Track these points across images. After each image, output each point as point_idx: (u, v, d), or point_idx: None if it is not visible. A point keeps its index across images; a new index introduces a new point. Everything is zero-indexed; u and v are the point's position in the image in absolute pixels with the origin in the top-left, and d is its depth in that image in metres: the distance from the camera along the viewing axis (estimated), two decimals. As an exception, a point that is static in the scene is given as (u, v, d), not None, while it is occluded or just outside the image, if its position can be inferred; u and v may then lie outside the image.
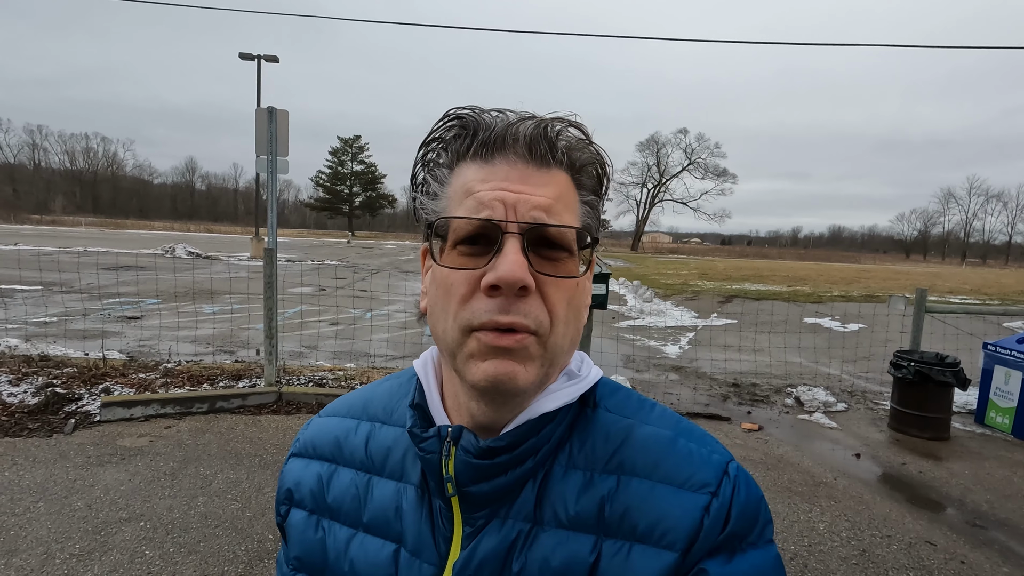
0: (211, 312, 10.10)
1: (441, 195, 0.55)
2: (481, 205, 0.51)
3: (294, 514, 0.65)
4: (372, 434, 0.65)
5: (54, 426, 4.19)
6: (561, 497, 0.56)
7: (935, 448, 4.89)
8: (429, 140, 0.57)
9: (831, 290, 16.69)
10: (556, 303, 0.52)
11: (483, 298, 0.51)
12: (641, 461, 0.57)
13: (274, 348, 5.25)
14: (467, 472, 0.55)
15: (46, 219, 61.64)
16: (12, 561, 2.65)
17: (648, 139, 78.52)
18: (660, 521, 0.54)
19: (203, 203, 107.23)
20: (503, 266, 0.49)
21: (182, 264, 18.58)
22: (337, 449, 0.65)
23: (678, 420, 0.62)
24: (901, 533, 3.39)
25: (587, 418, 0.60)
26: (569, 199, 0.55)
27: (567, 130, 0.55)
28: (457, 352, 0.53)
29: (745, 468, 2.87)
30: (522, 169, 0.53)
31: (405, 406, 0.63)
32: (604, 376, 0.64)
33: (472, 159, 0.54)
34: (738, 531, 0.55)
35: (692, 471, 0.56)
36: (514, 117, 0.54)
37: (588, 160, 0.56)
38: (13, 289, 11.20)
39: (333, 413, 0.70)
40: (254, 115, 5.62)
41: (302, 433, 0.70)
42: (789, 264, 42.91)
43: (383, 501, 0.60)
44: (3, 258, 13.53)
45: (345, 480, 0.63)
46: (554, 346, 0.53)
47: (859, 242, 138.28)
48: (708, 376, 7.19)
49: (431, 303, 0.56)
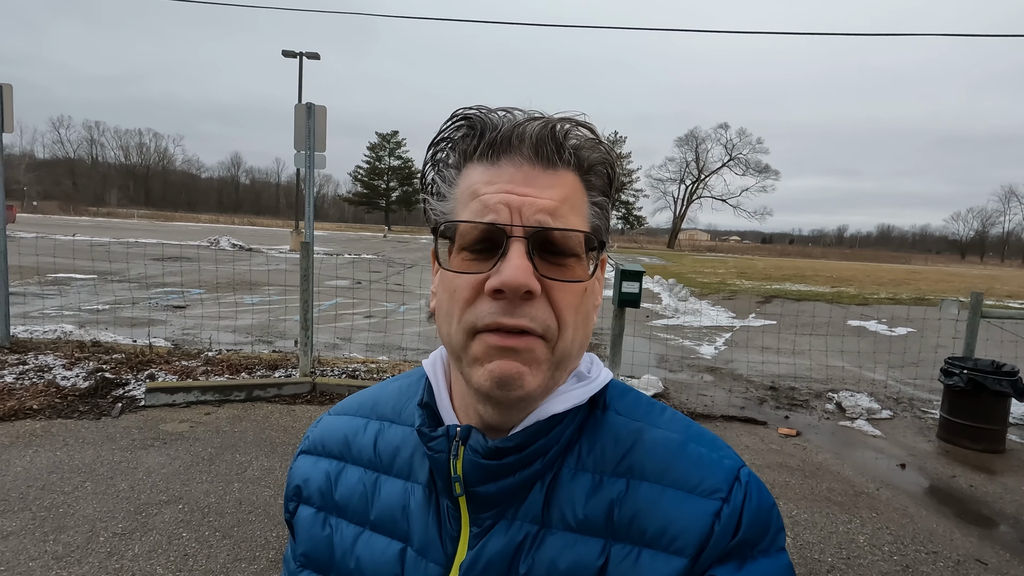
0: (251, 303, 10.42)
1: (448, 196, 0.55)
2: (486, 208, 0.51)
3: (302, 511, 0.65)
4: (381, 433, 0.65)
5: (102, 409, 4.39)
6: (570, 500, 0.55)
7: (988, 461, 4.63)
8: (438, 140, 0.56)
9: (878, 292, 16.01)
10: (564, 308, 0.52)
11: (488, 300, 0.50)
12: (651, 465, 0.56)
13: (309, 339, 5.37)
14: (475, 472, 0.54)
15: (102, 211, 64.78)
16: (60, 537, 2.78)
17: (687, 134, 76.97)
18: (670, 526, 0.53)
19: (247, 197, 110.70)
20: (507, 271, 0.49)
21: (226, 256, 19.24)
22: (346, 447, 0.65)
23: (688, 424, 0.61)
24: (949, 550, 3.22)
25: (596, 420, 0.59)
26: (576, 200, 0.54)
27: (576, 129, 0.53)
28: (463, 355, 0.52)
29: (782, 475, 2.76)
30: (528, 171, 0.52)
31: (414, 405, 0.62)
32: (614, 378, 0.63)
33: (479, 160, 0.53)
34: (749, 538, 0.54)
35: (703, 476, 0.55)
36: (521, 117, 0.53)
37: (597, 160, 0.55)
38: (71, 278, 11.80)
39: (343, 411, 0.70)
40: (293, 111, 5.74)
41: (311, 430, 0.70)
42: (833, 264, 41.43)
43: (391, 500, 0.60)
44: (62, 248, 14.27)
45: (353, 478, 0.63)
46: (562, 351, 0.53)
47: (910, 242, 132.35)
48: (744, 378, 7.00)
49: (439, 305, 0.56)
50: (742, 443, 4.72)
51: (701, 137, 75.63)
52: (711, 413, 5.41)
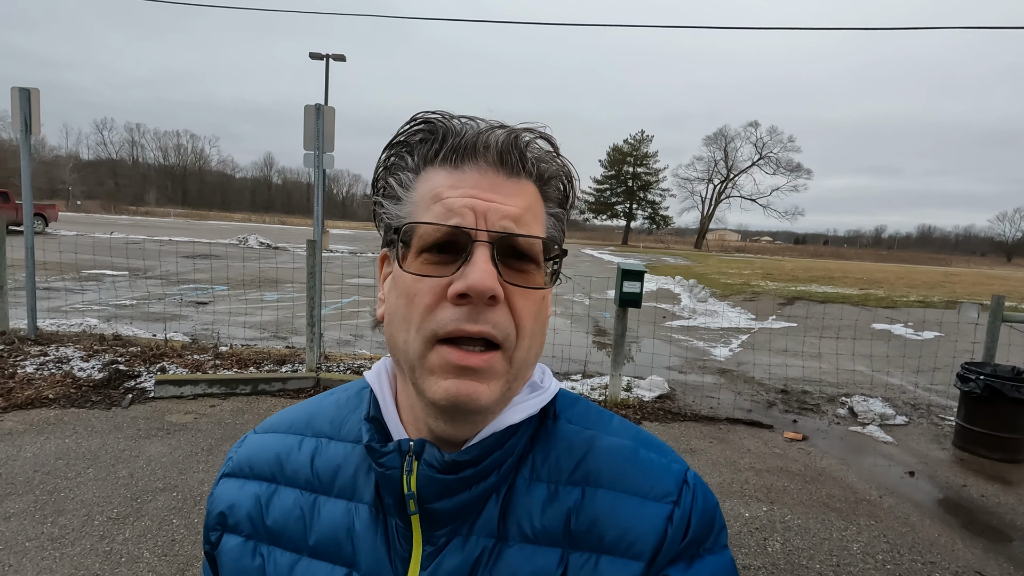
0: (272, 300, 10.67)
1: (405, 199, 0.54)
2: (450, 212, 0.50)
3: (227, 540, 0.61)
4: (318, 450, 0.61)
5: (114, 400, 4.57)
6: (526, 511, 0.55)
7: (1005, 471, 4.44)
8: (394, 143, 0.56)
9: (909, 294, 15.45)
10: (524, 315, 0.51)
11: (449, 307, 0.49)
12: (606, 472, 0.57)
13: (315, 335, 5.48)
14: (431, 488, 0.53)
15: (141, 210, 67.16)
16: (58, 520, 2.91)
17: (716, 133, 75.62)
18: (627, 531, 0.54)
19: (279, 196, 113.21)
20: (473, 274, 0.48)
21: (253, 253, 19.73)
22: (278, 467, 0.62)
23: (637, 430, 0.62)
24: (948, 561, 3.10)
25: (548, 430, 0.59)
26: (537, 210, 0.54)
27: (536, 141, 0.54)
28: (418, 365, 0.51)
29: (781, 479, 2.74)
30: (492, 177, 0.52)
31: (356, 420, 0.61)
32: (562, 388, 0.64)
33: (441, 164, 0.53)
34: (697, 538, 0.56)
35: (654, 481, 0.57)
36: (484, 125, 0.53)
37: (555, 173, 0.56)
38: (103, 274, 12.27)
39: (272, 428, 0.66)
40: (303, 112, 5.85)
41: (235, 451, 0.66)
42: (866, 265, 40.11)
43: (332, 522, 0.57)
44: (99, 246, 14.87)
45: (288, 501, 0.59)
46: (520, 360, 0.52)
47: (952, 243, 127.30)
48: (756, 381, 6.85)
49: (390, 311, 0.54)
50: (744, 446, 4.63)
51: (730, 136, 74.25)
52: (716, 415, 5.32)
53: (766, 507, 3.58)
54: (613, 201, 78.03)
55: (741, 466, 4.20)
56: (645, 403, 5.49)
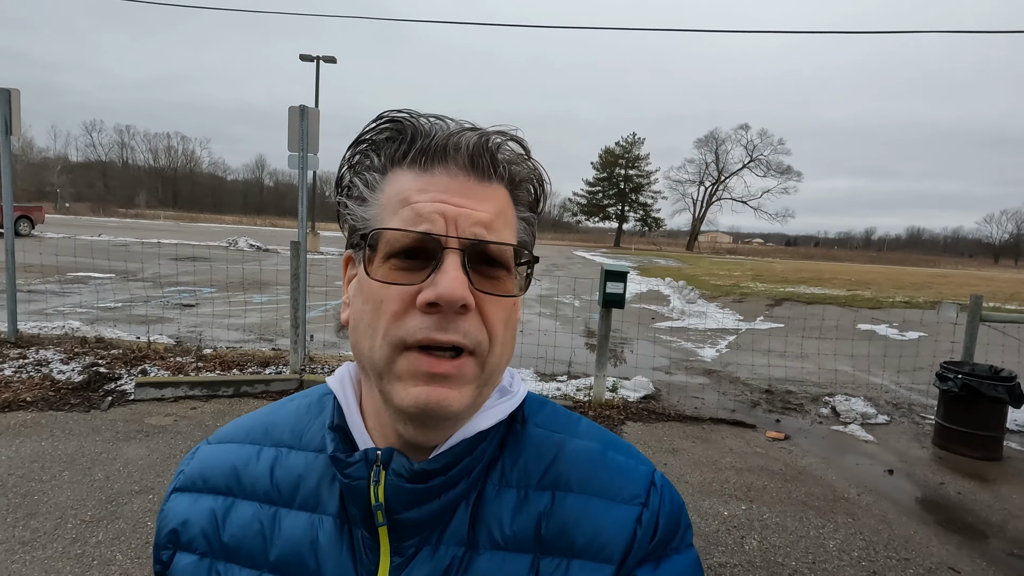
0: (259, 302, 10.62)
1: (371, 201, 0.52)
2: (420, 217, 0.49)
3: (180, 559, 0.58)
4: (278, 461, 0.59)
5: (93, 402, 4.53)
6: (496, 517, 0.54)
7: (983, 469, 4.49)
8: (359, 140, 0.54)
9: (895, 295, 15.58)
10: (495, 322, 0.51)
11: (418, 315, 0.48)
12: (576, 476, 0.56)
13: (299, 337, 5.45)
14: (400, 498, 0.52)
15: (131, 212, 66.63)
16: (30, 523, 2.88)
17: (707, 135, 76.19)
18: (597, 535, 0.54)
19: (271, 198, 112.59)
20: (443, 283, 0.47)
21: (242, 256, 19.62)
22: (235, 480, 0.59)
23: (604, 432, 0.62)
24: (922, 557, 3.13)
25: (517, 435, 0.59)
26: (508, 215, 0.53)
27: (507, 144, 0.53)
28: (385, 372, 0.49)
29: (761, 478, 2.79)
30: (463, 182, 0.51)
31: (318, 428, 0.59)
32: (530, 392, 0.64)
33: (409, 166, 0.51)
34: (664, 538, 0.56)
35: (623, 484, 0.57)
36: (455, 126, 0.52)
37: (526, 176, 0.55)
38: (89, 276, 12.16)
39: (227, 438, 0.63)
40: (288, 113, 5.84)
41: (186, 463, 0.63)
42: (856, 267, 40.42)
43: (295, 536, 0.55)
44: (86, 248, 14.75)
45: (246, 515, 0.57)
46: (492, 366, 0.52)
47: (941, 245, 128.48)
48: (741, 381, 6.89)
49: (355, 317, 0.53)
50: (727, 446, 4.65)
51: (721, 138, 74.84)
52: (699, 415, 5.34)
53: (745, 506, 3.60)
54: (605, 203, 78.26)
55: (722, 465, 4.22)
56: (630, 403, 5.51)
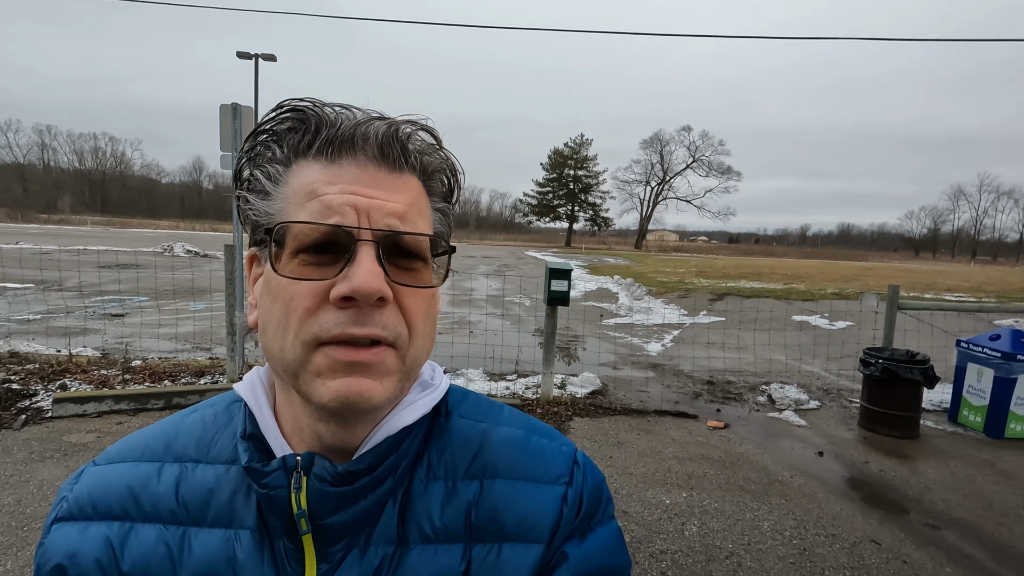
0: (195, 310, 10.14)
1: (275, 194, 0.50)
2: (329, 210, 0.47)
3: None
4: (183, 477, 0.55)
5: (3, 422, 4.19)
6: (425, 511, 0.54)
7: (902, 447, 4.80)
8: (259, 132, 0.52)
9: (827, 288, 16.50)
10: (414, 314, 0.50)
11: (332, 310, 0.46)
12: (502, 462, 0.57)
13: (236, 344, 5.24)
14: (324, 503, 0.50)
15: (53, 218, 62.29)
16: (-74, 556, 2.64)
17: (652, 136, 78.42)
18: (526, 517, 0.55)
19: (211, 202, 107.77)
20: (358, 276, 0.45)
21: (179, 262, 18.69)
22: (132, 502, 0.54)
23: (527, 418, 0.63)
24: (847, 532, 3.31)
25: (441, 427, 0.59)
26: (422, 206, 0.52)
27: (417, 133, 0.52)
28: (300, 371, 0.47)
29: (702, 466, 2.89)
30: (373, 172, 0.49)
31: (227, 438, 0.56)
32: (452, 384, 0.64)
33: (315, 158, 0.49)
34: (588, 513, 0.58)
35: (547, 465, 0.58)
36: (362, 115, 0.50)
37: (438, 166, 0.54)
38: (4, 287, 11.28)
39: (120, 458, 0.58)
40: (219, 112, 5.60)
41: (67, 490, 0.57)
42: (792, 262, 42.54)
43: (208, 556, 0.51)
44: (2, 257, 13.67)
45: (148, 539, 0.52)
46: (412, 359, 0.51)
47: (868, 240, 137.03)
48: (685, 374, 7.11)
49: (264, 317, 0.50)
50: (670, 437, 4.78)
51: (665, 139, 77.17)
52: (645, 408, 5.47)
53: (686, 493, 3.71)
54: (555, 204, 79.22)
55: (665, 455, 4.34)
56: (577, 399, 5.58)
